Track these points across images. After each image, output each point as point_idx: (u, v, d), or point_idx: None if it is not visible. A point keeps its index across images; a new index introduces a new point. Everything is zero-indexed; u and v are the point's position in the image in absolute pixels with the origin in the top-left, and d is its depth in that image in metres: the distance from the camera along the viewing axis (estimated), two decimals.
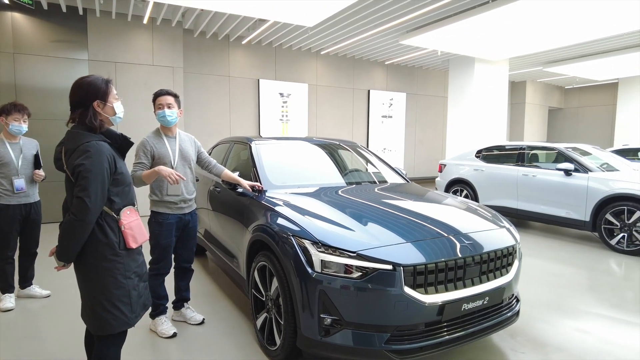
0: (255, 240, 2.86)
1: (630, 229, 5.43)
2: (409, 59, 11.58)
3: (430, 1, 6.66)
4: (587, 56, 10.58)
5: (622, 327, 3.32)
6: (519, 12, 6.47)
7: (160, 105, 3.02)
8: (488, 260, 2.49)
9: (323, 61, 11.11)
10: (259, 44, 9.98)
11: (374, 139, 12.09)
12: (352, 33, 8.75)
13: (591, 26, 7.23)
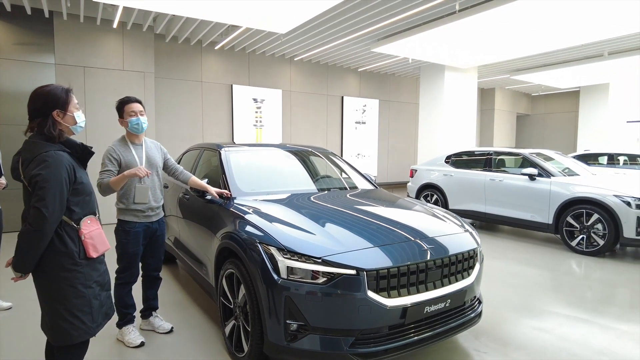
0: (223, 248, 2.86)
1: (588, 231, 5.68)
2: (381, 66, 11.78)
3: (399, 10, 6.82)
4: (551, 65, 11.03)
5: (579, 325, 3.48)
6: (485, 22, 6.70)
7: (133, 113, 2.99)
8: (450, 264, 2.57)
9: (297, 67, 11.17)
10: (232, 49, 9.96)
11: (348, 145, 12.22)
12: (324, 40, 8.85)
13: (554, 37, 7.56)
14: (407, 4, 6.54)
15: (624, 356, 2.92)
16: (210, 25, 7.98)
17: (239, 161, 3.79)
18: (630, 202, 5.34)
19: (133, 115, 2.98)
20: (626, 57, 9.60)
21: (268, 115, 10.50)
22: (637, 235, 5.28)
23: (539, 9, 6.10)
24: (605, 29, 7.14)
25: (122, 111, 3.01)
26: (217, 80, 9.96)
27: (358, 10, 6.78)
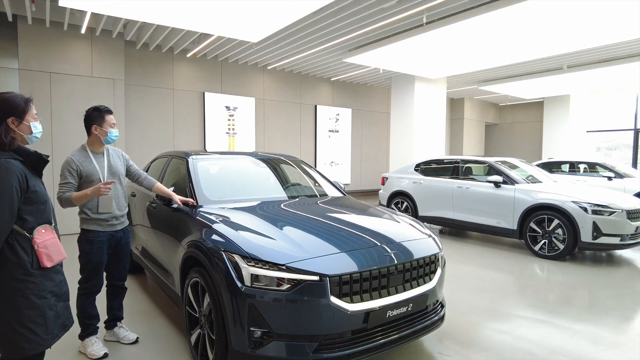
0: (188, 257, 2.85)
1: (550, 236, 5.91)
2: (354, 76, 11.97)
3: (369, 22, 6.98)
4: (516, 77, 11.47)
5: (538, 325, 3.62)
6: (452, 35, 6.94)
7: (114, 124, 3.01)
8: (411, 269, 2.65)
9: (270, 76, 11.22)
10: (204, 57, 9.92)
11: (321, 153, 12.31)
12: (297, 50, 8.94)
13: (517, 50, 7.89)
14: (377, 16, 6.70)
15: (577, 354, 3.06)
16: (182, 33, 7.95)
17: (207, 169, 3.79)
18: (587, 208, 5.60)
19: (113, 127, 3.00)
20: (584, 71, 10.10)
21: (241, 123, 10.48)
22: (593, 239, 5.53)
23: (503, 24, 6.37)
24: (564, 44, 7.51)
25: (103, 121, 2.97)
26: (189, 88, 9.90)
27: (329, 20, 6.90)
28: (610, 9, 5.81)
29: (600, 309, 4.10)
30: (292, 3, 5.51)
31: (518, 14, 5.99)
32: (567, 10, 5.83)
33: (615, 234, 5.53)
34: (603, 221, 5.52)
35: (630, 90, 13.55)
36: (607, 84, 11.92)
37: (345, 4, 6.21)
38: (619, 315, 3.90)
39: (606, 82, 11.69)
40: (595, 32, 6.80)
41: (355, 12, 6.53)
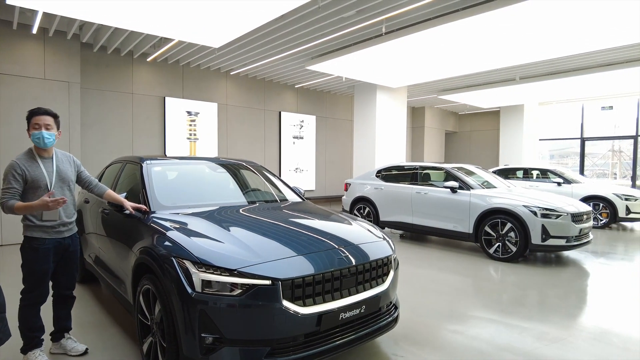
0: (139, 263, 2.79)
1: (503, 239, 6.16)
2: (318, 83, 12.09)
3: (330, 31, 7.10)
4: (473, 87, 11.95)
5: (489, 325, 3.76)
6: (410, 45, 7.16)
7: (37, 126, 2.83)
8: (364, 271, 2.70)
9: (233, 81, 11.15)
10: (165, 61, 9.75)
11: (286, 159, 12.32)
12: (260, 56, 8.95)
13: (473, 61, 8.24)
14: (337, 25, 6.83)
15: (523, 350, 3.20)
16: (141, 37, 7.79)
17: (162, 175, 3.72)
18: (537, 211, 5.88)
19: (37, 128, 2.82)
20: (535, 82, 10.65)
21: (203, 129, 10.34)
22: (543, 241, 5.81)
23: (459, 35, 6.64)
24: (516, 57, 7.90)
25: (29, 122, 2.86)
26: (149, 93, 9.68)
27: (291, 28, 6.96)
28: (557, 25, 6.18)
29: (548, 308, 4.30)
30: (253, 10, 5.53)
31: (472, 27, 6.26)
32: (519, 25, 6.15)
33: (562, 236, 5.84)
34: (551, 224, 5.82)
35: (577, 102, 14.40)
36: (556, 95, 12.62)
37: (306, 12, 6.29)
38: (563, 312, 4.11)
39: (555, 94, 12.37)
40: (544, 46, 7.20)
41: (316, 20, 6.62)
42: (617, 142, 15.10)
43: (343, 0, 5.92)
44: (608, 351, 3.23)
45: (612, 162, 16.21)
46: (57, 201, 2.60)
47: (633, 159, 13.78)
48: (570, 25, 6.21)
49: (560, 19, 5.95)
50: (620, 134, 14.42)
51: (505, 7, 5.53)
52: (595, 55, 8.74)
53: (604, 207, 9.16)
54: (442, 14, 6.32)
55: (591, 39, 6.86)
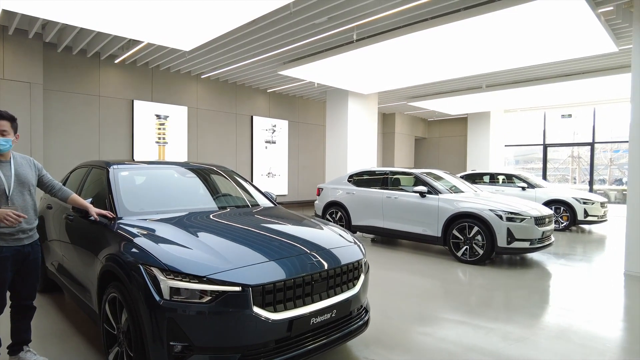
0: (105, 271, 2.71)
1: (470, 242, 6.33)
2: (290, 88, 12.11)
3: (302, 37, 7.15)
4: (442, 94, 12.27)
5: (457, 326, 3.85)
6: (380, 52, 7.29)
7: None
8: (335, 275, 2.72)
9: (204, 85, 11.02)
10: (134, 64, 9.54)
11: (258, 164, 12.25)
12: (231, 60, 8.89)
13: (441, 69, 8.47)
14: (309, 31, 6.88)
15: (489, 350, 3.30)
16: (108, 38, 7.60)
17: (130, 179, 3.64)
18: (502, 215, 6.08)
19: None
20: (501, 90, 11.04)
21: (172, 133, 10.16)
22: (508, 244, 6.02)
23: (428, 44, 6.82)
24: (482, 65, 8.18)
25: None
26: (117, 95, 9.44)
27: (263, 33, 6.96)
28: (520, 37, 6.45)
29: (512, 308, 4.46)
30: (224, 14, 5.50)
31: (441, 36, 6.45)
32: (485, 35, 6.38)
33: (526, 239, 6.06)
34: (515, 227, 6.03)
35: (539, 110, 15.02)
36: (520, 103, 13.12)
37: (278, 17, 6.31)
38: (527, 312, 4.27)
39: (519, 102, 12.86)
40: (508, 56, 7.49)
41: (288, 26, 6.65)
42: (576, 148, 15.82)
43: (315, 6, 5.97)
44: (567, 348, 3.37)
45: (572, 168, 16.94)
46: (16, 219, 2.53)
47: (590, 164, 14.48)
48: (532, 37, 6.49)
49: (523, 31, 6.21)
50: (578, 141, 15.11)
51: (472, 17, 5.72)
52: (555, 66, 9.15)
53: (564, 210, 9.57)
54: (412, 23, 6.47)
55: (551, 51, 7.20)
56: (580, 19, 5.79)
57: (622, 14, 6.33)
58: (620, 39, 7.29)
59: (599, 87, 10.54)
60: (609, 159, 15.60)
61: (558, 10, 5.51)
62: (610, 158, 15.56)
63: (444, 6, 5.88)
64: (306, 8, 6.02)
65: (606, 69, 9.47)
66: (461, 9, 5.89)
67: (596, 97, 12.00)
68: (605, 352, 3.32)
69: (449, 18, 5.94)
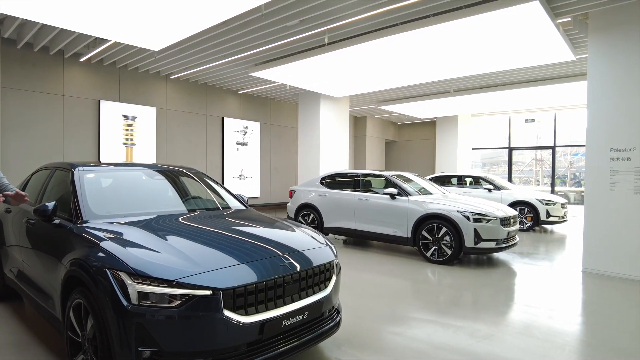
0: (70, 276, 2.62)
1: (439, 243, 6.49)
2: (262, 90, 12.05)
3: (274, 39, 7.14)
4: (411, 98, 12.51)
5: (426, 325, 3.94)
6: (353, 55, 7.38)
7: None
8: (307, 277, 2.73)
9: (173, 85, 10.82)
10: (101, 62, 9.26)
11: (229, 166, 12.11)
12: (202, 60, 8.77)
13: (411, 74, 8.64)
14: (281, 33, 6.88)
15: (457, 347, 3.39)
16: (73, 35, 7.35)
17: (96, 182, 3.53)
18: (469, 216, 6.26)
19: None
20: (468, 95, 11.37)
21: (140, 134, 9.91)
22: (475, 244, 6.20)
23: (398, 48, 6.95)
24: (450, 70, 8.40)
25: None
26: (83, 95, 9.13)
27: (234, 34, 6.91)
28: (487, 44, 6.67)
29: (480, 306, 4.60)
30: (195, 14, 5.43)
31: (411, 41, 6.59)
32: (453, 41, 6.56)
33: (492, 239, 6.26)
34: (482, 228, 6.22)
35: (505, 114, 15.55)
36: (487, 107, 13.55)
37: (250, 19, 6.28)
38: (493, 310, 4.41)
39: (486, 106, 13.28)
40: (475, 62, 7.73)
41: (259, 27, 6.63)
42: (540, 151, 16.46)
43: (287, 9, 5.98)
44: (531, 343, 3.50)
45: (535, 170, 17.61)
46: None
47: (552, 167, 15.11)
48: (497, 44, 6.73)
49: (488, 38, 6.43)
50: (541, 145, 15.73)
51: (440, 24, 5.88)
52: (519, 72, 9.51)
53: (528, 211, 9.95)
54: (382, 28, 6.58)
55: (515, 58, 7.48)
56: (540, 29, 6.05)
57: (579, 25, 6.66)
58: (578, 48, 7.65)
59: (560, 93, 11.03)
60: (569, 162, 16.32)
61: (521, 20, 5.74)
62: (570, 161, 16.27)
63: (414, 12, 6.01)
64: (278, 10, 6.02)
65: (565, 77, 9.92)
66: (430, 15, 6.04)
67: (557, 103, 12.54)
68: (565, 346, 3.48)
69: (418, 24, 6.08)
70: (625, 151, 5.82)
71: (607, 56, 5.96)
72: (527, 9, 5.41)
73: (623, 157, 5.83)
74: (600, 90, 6.04)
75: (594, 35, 6.08)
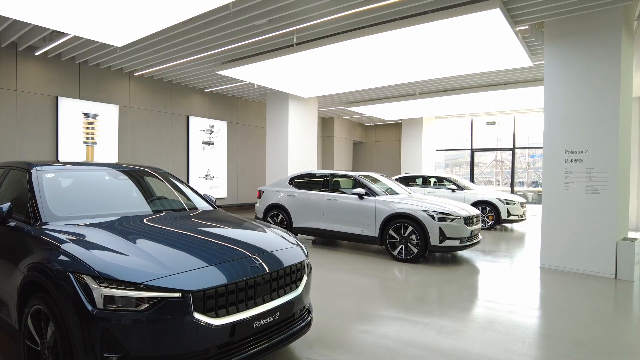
0: (28, 281, 2.49)
1: (405, 241, 6.62)
2: (228, 88, 11.89)
3: (241, 37, 7.06)
4: (377, 100, 12.71)
5: (395, 322, 4.01)
6: (321, 56, 7.41)
7: None
8: (278, 277, 2.72)
9: (136, 83, 10.48)
10: (59, 57, 8.85)
11: (195, 165, 11.86)
12: (167, 58, 8.55)
13: (378, 76, 8.77)
14: (249, 32, 6.82)
15: (424, 343, 3.48)
16: (27, 27, 6.98)
17: (55, 182, 3.37)
18: (434, 215, 6.43)
19: None
20: (432, 98, 11.67)
21: (102, 132, 9.55)
22: (440, 242, 6.37)
23: (364, 51, 7.04)
24: (415, 74, 8.59)
25: None
26: (38, 91, 8.69)
27: (201, 32, 6.79)
28: (450, 49, 6.87)
29: (445, 303, 4.73)
30: (161, 10, 5.29)
31: (377, 44, 6.70)
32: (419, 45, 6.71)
33: (456, 237, 6.46)
34: (447, 227, 6.41)
35: (467, 117, 16.06)
36: (450, 110, 13.95)
37: (217, 17, 6.19)
38: (459, 306, 4.55)
39: (449, 109, 13.67)
40: (439, 66, 7.95)
41: (227, 26, 6.55)
42: (500, 153, 17.11)
43: (255, 8, 5.94)
44: (493, 337, 3.64)
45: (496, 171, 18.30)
46: None
47: (511, 168, 15.75)
48: (459, 49, 6.95)
49: (452, 43, 6.62)
50: (501, 146, 16.37)
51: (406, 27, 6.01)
52: (480, 77, 9.86)
53: (490, 210, 10.32)
54: (350, 30, 6.65)
55: (476, 63, 7.74)
56: (501, 36, 6.30)
57: (536, 33, 6.99)
58: (535, 55, 8.02)
59: (518, 97, 11.52)
60: (527, 163, 17.06)
61: (482, 27, 5.95)
62: (528, 162, 17.02)
63: (382, 15, 6.10)
64: (246, 9, 5.96)
65: (523, 82, 10.38)
66: (397, 19, 6.16)
67: (516, 106, 13.09)
68: (525, 339, 3.64)
69: (386, 27, 6.19)
70: (578, 153, 6.15)
71: (561, 63, 6.29)
72: (488, 16, 5.62)
73: (576, 159, 6.17)
74: (555, 95, 6.36)
75: (550, 42, 6.40)
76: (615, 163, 5.82)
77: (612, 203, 5.83)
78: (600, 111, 5.94)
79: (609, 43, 5.86)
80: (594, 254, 5.94)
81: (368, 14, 6.07)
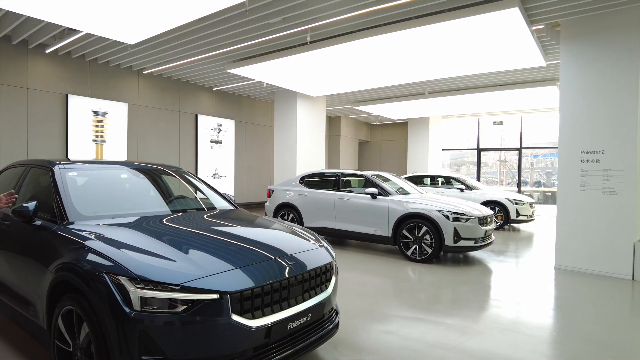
0: (59, 282, 2.46)
1: (419, 241, 6.58)
2: (237, 87, 11.85)
3: (255, 35, 7.02)
4: (385, 99, 12.67)
5: (417, 323, 3.98)
6: (333, 56, 7.36)
7: None
8: (309, 279, 2.69)
9: (146, 81, 10.45)
10: (69, 55, 8.81)
11: (203, 164, 11.84)
12: (178, 56, 8.52)
13: (387, 75, 8.72)
14: (263, 30, 6.78)
15: (450, 345, 3.44)
16: (39, 25, 6.95)
17: (76, 181, 3.34)
18: (449, 215, 6.39)
19: None
20: (440, 97, 11.63)
21: (111, 130, 9.52)
22: (454, 243, 6.33)
23: (376, 50, 6.99)
24: (425, 73, 8.55)
25: None
26: (49, 89, 8.67)
27: (214, 30, 6.75)
28: (464, 48, 6.82)
29: (464, 304, 4.69)
30: (176, 8, 5.24)
31: (391, 43, 6.65)
32: (431, 44, 6.67)
33: (471, 238, 6.42)
34: (462, 227, 6.37)
35: (474, 116, 16.02)
36: (457, 109, 13.91)
37: (232, 14, 6.16)
38: (477, 307, 4.51)
39: (456, 108, 13.63)
40: (453, 65, 7.90)
41: (241, 24, 6.51)
42: (503, 153, 17.06)
43: (270, 6, 5.89)
44: (519, 339, 3.61)
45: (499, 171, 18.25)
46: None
47: (518, 168, 15.69)
48: (473, 48, 6.90)
49: (466, 42, 6.58)
50: (507, 146, 16.32)
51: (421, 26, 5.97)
52: (490, 76, 9.81)
53: (499, 210, 10.27)
54: (364, 29, 6.61)
55: (489, 62, 7.70)
56: (517, 35, 6.25)
57: (550, 32, 6.94)
58: (548, 55, 7.97)
59: (526, 97, 11.47)
60: (530, 163, 17.00)
61: (500, 25, 5.90)
62: (531, 162, 16.96)
63: (398, 13, 6.06)
64: (261, 7, 5.92)
65: (533, 81, 10.33)
66: (413, 18, 6.12)
67: (523, 106, 13.04)
68: (551, 341, 3.60)
69: (402, 25, 6.14)
70: (594, 153, 6.11)
71: (578, 62, 6.24)
72: (506, 15, 5.58)
73: (592, 159, 6.12)
74: (571, 95, 6.31)
75: (566, 42, 6.35)
76: (633, 163, 5.78)
77: (629, 204, 5.78)
78: (617, 111, 5.89)
79: (626, 42, 5.81)
80: (610, 255, 5.90)
81: (383, 12, 6.02)
